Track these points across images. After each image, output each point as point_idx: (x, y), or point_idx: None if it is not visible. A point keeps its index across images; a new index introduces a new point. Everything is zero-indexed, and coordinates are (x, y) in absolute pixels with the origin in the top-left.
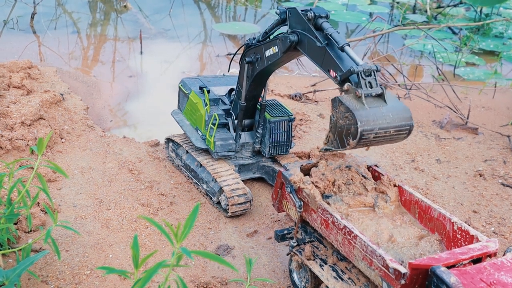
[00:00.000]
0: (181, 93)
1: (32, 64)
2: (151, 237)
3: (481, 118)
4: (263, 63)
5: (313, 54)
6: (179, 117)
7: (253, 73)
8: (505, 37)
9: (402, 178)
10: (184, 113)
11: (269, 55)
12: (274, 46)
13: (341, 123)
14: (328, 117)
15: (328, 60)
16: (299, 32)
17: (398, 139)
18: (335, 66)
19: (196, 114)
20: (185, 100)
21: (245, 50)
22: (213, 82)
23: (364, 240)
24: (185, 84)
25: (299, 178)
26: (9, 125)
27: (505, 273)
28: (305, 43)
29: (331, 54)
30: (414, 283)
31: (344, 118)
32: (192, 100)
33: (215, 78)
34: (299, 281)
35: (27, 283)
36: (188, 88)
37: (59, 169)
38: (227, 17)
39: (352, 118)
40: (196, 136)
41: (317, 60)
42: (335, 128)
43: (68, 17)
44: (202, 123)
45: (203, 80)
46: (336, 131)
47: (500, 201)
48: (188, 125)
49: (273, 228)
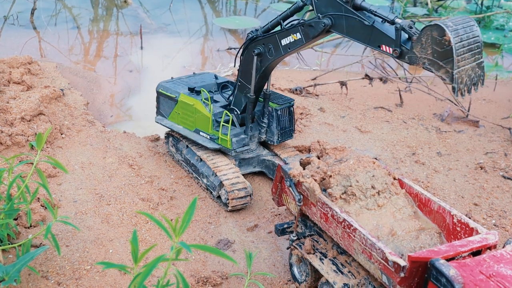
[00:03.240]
0: (163, 97)
1: (32, 60)
2: (151, 232)
3: (482, 111)
4: (279, 52)
5: (355, 33)
6: (166, 123)
7: (263, 64)
8: (506, 30)
9: (403, 171)
10: (171, 118)
11: (287, 43)
12: (295, 33)
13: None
14: (328, 111)
15: (377, 36)
16: (331, 15)
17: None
18: (388, 41)
19: (194, 116)
20: (171, 104)
21: (247, 44)
22: (193, 82)
23: (364, 233)
24: (166, 88)
25: (299, 172)
26: (9, 120)
27: (504, 265)
28: (341, 25)
29: (381, 29)
30: (414, 275)
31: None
32: (185, 102)
33: (190, 78)
34: (299, 275)
35: (27, 279)
36: (174, 92)
37: (58, 165)
38: (228, 12)
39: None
40: (202, 138)
41: (362, 38)
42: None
43: (68, 12)
44: (208, 124)
45: (181, 81)
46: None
47: (501, 194)
48: (184, 129)
49: (273, 222)
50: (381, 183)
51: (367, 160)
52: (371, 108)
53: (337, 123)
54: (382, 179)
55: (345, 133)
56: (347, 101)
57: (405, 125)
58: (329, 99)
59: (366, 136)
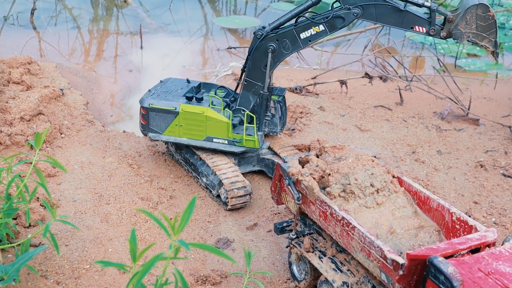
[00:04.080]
0: (155, 112)
1: (32, 60)
2: (150, 231)
3: (482, 109)
4: (297, 46)
5: (387, 19)
6: (164, 138)
7: (277, 59)
8: (506, 28)
9: (402, 169)
10: (170, 132)
11: (307, 36)
12: (317, 25)
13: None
14: (328, 110)
15: (410, 19)
16: (361, 5)
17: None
18: (421, 22)
19: (205, 124)
20: (166, 118)
21: (257, 41)
22: (172, 90)
23: (362, 231)
24: (157, 101)
25: (297, 170)
26: (8, 120)
27: (503, 263)
28: (371, 13)
29: (414, 13)
30: (413, 273)
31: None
32: (190, 112)
33: (164, 86)
34: (299, 274)
35: (26, 278)
36: (169, 104)
37: (58, 164)
38: (228, 11)
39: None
40: (219, 145)
41: (394, 23)
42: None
43: (68, 12)
44: (225, 129)
45: (161, 92)
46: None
47: (501, 192)
48: (191, 140)
49: (273, 220)
50: (380, 181)
51: (366, 158)
52: (371, 107)
53: (337, 122)
54: (381, 177)
55: (345, 132)
56: (347, 100)
57: (405, 124)
58: (329, 98)
59: (366, 134)
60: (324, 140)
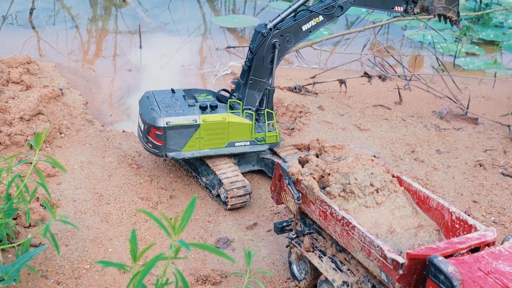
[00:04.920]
0: (174, 130)
1: (31, 59)
2: (150, 231)
3: (481, 108)
4: (299, 38)
5: (374, 3)
6: (185, 154)
7: (282, 53)
8: (505, 27)
9: (402, 169)
10: (190, 147)
11: (309, 27)
12: (317, 16)
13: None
14: (327, 109)
15: (391, 0)
16: None
17: None
18: (399, 2)
19: (227, 130)
20: (186, 133)
21: (263, 39)
22: (170, 102)
23: (362, 230)
24: (171, 118)
25: (297, 170)
26: (7, 120)
27: (503, 262)
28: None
29: None
30: (413, 273)
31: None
32: (211, 122)
33: (159, 99)
34: (299, 273)
35: (26, 278)
36: (187, 119)
37: (57, 164)
38: (227, 10)
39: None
40: (242, 148)
41: (378, 5)
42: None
43: (66, 12)
44: (248, 130)
45: (160, 106)
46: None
47: (500, 191)
48: (213, 150)
49: (272, 220)
50: (380, 181)
51: (365, 158)
52: (370, 106)
53: (336, 121)
54: (380, 176)
55: (344, 131)
56: (346, 99)
57: (404, 123)
58: (328, 97)
59: (365, 134)
60: (324, 140)
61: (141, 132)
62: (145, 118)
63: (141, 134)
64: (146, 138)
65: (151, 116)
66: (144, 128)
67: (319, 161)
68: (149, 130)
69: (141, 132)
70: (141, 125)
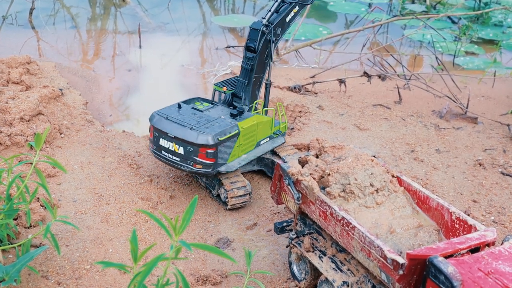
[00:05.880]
0: (224, 143)
1: (31, 60)
2: (151, 231)
3: (481, 107)
4: (284, 29)
5: None
6: (232, 165)
7: (274, 47)
8: (504, 26)
9: (401, 168)
10: (233, 156)
11: (290, 18)
12: (295, 7)
13: None
14: (327, 109)
15: None
16: None
17: None
18: None
19: (257, 131)
20: (230, 144)
21: (264, 36)
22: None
23: (362, 231)
24: (223, 131)
25: (297, 170)
26: (8, 120)
27: (503, 262)
28: None
29: None
30: (413, 273)
31: None
32: (247, 127)
33: (179, 117)
34: (299, 273)
35: (27, 278)
36: (230, 130)
37: (57, 164)
38: (226, 10)
39: None
40: (267, 145)
41: None
42: None
43: (66, 12)
44: (269, 126)
45: (191, 123)
46: None
47: (500, 190)
48: (248, 155)
49: (272, 220)
50: (380, 181)
51: (365, 158)
52: (370, 106)
53: (336, 121)
54: (380, 177)
55: (344, 130)
56: (345, 98)
57: (403, 123)
58: (327, 97)
59: (365, 133)
60: (324, 140)
61: (178, 156)
62: (188, 139)
63: (180, 158)
64: (193, 160)
65: (199, 136)
66: (187, 151)
67: (319, 161)
68: (197, 151)
69: (178, 157)
70: (177, 149)
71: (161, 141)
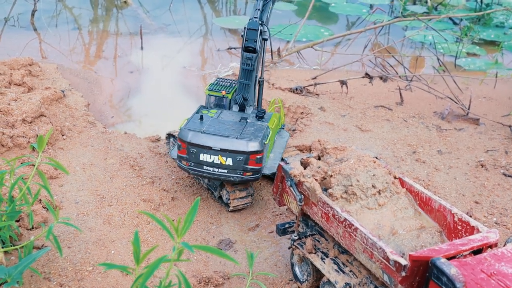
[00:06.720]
0: (266, 145)
1: (33, 61)
2: (153, 233)
3: (483, 109)
4: (267, 21)
5: None
6: (270, 166)
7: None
8: (506, 27)
9: (403, 170)
10: (267, 157)
11: (268, 15)
12: (271, 2)
13: None
14: (329, 110)
15: None
16: None
17: None
18: None
19: (275, 128)
20: (267, 146)
21: (259, 35)
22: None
23: (365, 232)
24: (258, 138)
25: (299, 172)
26: (10, 122)
27: (505, 264)
28: None
29: None
30: (415, 274)
31: None
32: (273, 127)
33: (210, 124)
34: (301, 275)
35: (29, 280)
36: (267, 133)
37: (60, 166)
38: (228, 11)
39: None
40: (282, 142)
41: None
42: None
43: (68, 13)
44: (278, 121)
45: (228, 131)
46: None
47: (502, 192)
48: (272, 153)
49: (274, 222)
50: (382, 182)
51: (367, 160)
52: (372, 107)
53: (337, 122)
54: (382, 178)
55: (345, 132)
56: (347, 100)
57: (405, 124)
58: (329, 98)
59: (366, 135)
60: (325, 141)
61: (225, 168)
62: (238, 149)
63: (228, 170)
64: (243, 168)
65: (248, 144)
66: (237, 160)
67: (321, 162)
68: (248, 158)
69: (225, 168)
70: (225, 161)
71: (202, 156)
